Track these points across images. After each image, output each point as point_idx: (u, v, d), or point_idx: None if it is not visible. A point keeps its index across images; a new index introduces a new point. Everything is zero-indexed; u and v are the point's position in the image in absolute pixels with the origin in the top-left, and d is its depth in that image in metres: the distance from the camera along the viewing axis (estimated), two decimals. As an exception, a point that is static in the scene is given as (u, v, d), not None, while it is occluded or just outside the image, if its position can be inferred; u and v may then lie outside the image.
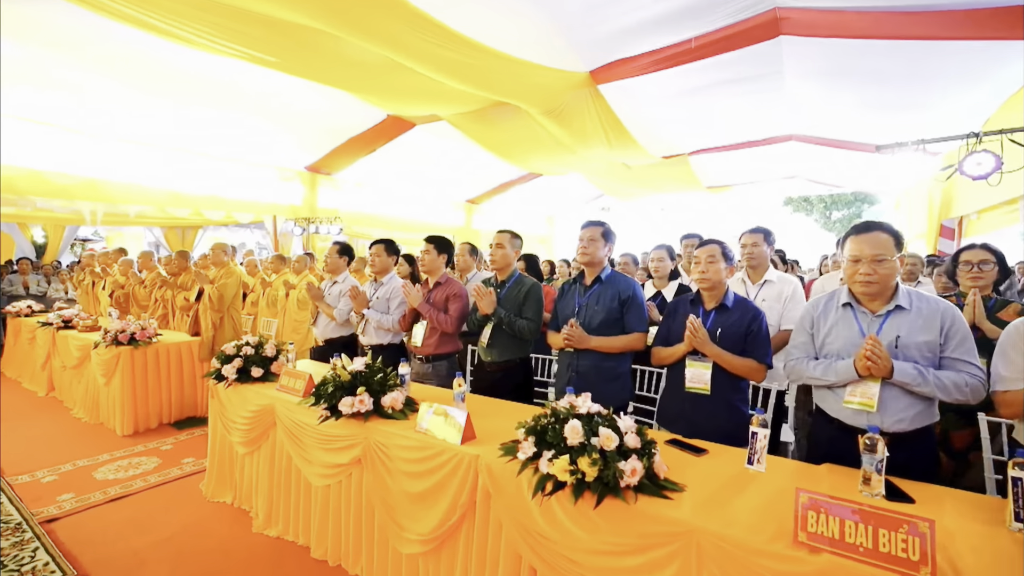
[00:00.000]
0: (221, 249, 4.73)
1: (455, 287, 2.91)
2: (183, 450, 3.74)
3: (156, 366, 4.23)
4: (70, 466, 3.42)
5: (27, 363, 5.67)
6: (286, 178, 8.79)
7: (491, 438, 1.99)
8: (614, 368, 2.33)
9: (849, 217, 19.97)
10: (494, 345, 2.64)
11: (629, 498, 1.47)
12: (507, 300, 2.67)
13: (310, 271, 5.76)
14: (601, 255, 2.38)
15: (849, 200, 19.75)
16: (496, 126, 7.12)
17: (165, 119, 6.30)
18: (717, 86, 5.88)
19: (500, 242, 2.67)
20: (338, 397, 2.27)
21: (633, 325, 2.30)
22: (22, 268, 7.27)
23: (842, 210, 20.29)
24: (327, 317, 3.48)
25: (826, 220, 20.59)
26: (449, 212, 11.94)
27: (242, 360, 2.91)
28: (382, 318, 3.14)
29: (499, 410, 2.36)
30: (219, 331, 4.54)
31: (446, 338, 2.91)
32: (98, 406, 4.33)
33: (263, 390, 2.78)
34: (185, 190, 7.29)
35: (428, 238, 2.98)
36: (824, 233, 20.81)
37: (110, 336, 4.11)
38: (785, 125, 7.23)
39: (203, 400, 4.51)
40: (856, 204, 19.83)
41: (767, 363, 2.00)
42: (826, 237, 20.71)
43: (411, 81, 5.16)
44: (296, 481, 2.53)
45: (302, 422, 2.45)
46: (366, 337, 3.21)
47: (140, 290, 5.49)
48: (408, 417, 2.26)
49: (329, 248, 3.58)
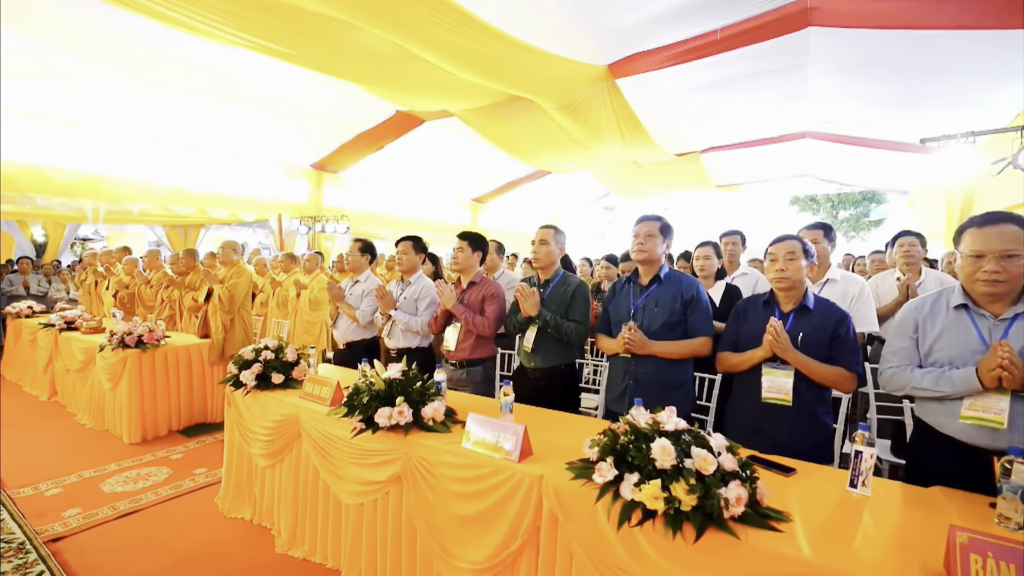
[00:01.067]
0: (231, 248, 4.52)
1: (491, 287, 2.71)
2: (194, 460, 3.54)
3: (165, 370, 4.02)
4: (75, 477, 3.21)
5: (28, 366, 5.46)
6: (292, 175, 8.62)
7: (549, 455, 1.79)
8: (675, 376, 2.13)
9: (856, 216, 19.81)
10: (538, 350, 2.44)
11: (739, 532, 1.27)
12: (552, 301, 2.46)
13: (320, 270, 5.55)
14: (659, 252, 2.18)
15: (856, 199, 19.57)
16: (507, 122, 6.97)
17: (168, 114, 6.11)
18: (737, 80, 5.74)
19: (544, 238, 2.47)
20: (374, 408, 2.07)
21: (698, 328, 2.10)
22: (23, 267, 7.05)
23: (849, 209, 20.12)
24: (349, 319, 3.28)
25: (833, 219, 20.41)
26: (455, 211, 11.82)
27: (262, 365, 2.71)
28: (410, 320, 2.94)
29: (549, 421, 2.15)
30: (229, 333, 4.34)
31: (482, 342, 2.71)
32: (103, 412, 4.12)
33: (285, 398, 2.58)
34: (189, 187, 7.12)
35: (462, 234, 2.78)
36: (831, 232, 20.64)
37: (116, 338, 3.90)
38: (801, 122, 7.08)
39: (213, 406, 4.31)
40: (863, 203, 19.66)
41: (857, 371, 1.81)
42: (833, 236, 20.54)
43: (425, 73, 5.00)
44: (325, 498, 2.32)
45: (331, 434, 2.25)
46: (392, 340, 3.00)
47: (146, 290, 5.28)
48: (451, 430, 2.06)
49: (350, 245, 3.38)
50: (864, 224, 19.68)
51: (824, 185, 12.19)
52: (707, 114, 6.96)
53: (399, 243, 3.09)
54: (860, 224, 19.68)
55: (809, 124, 7.17)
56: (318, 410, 2.38)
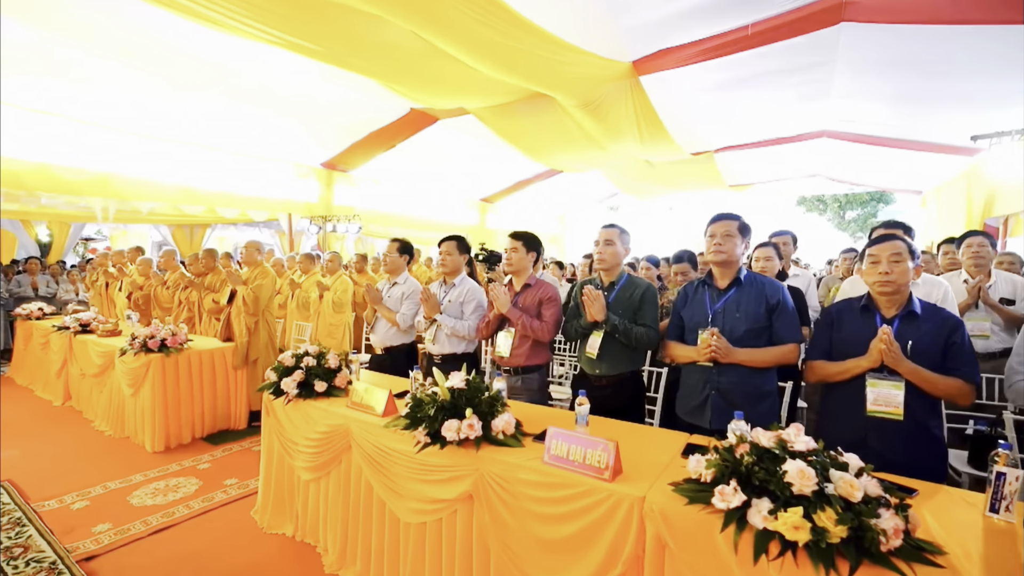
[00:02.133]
0: (255, 248, 4.37)
1: (548, 289, 2.57)
2: (223, 469, 3.38)
3: (188, 375, 3.87)
4: (101, 489, 3.06)
5: (40, 370, 5.30)
6: (302, 175, 8.49)
7: (639, 472, 1.65)
8: (761, 386, 1.99)
9: (864, 217, 19.73)
10: (604, 357, 2.30)
11: (903, 568, 1.13)
12: (618, 304, 2.32)
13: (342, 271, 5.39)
14: (739, 253, 2.04)
15: (864, 200, 19.50)
16: (523, 120, 6.88)
17: (178, 111, 5.96)
18: (760, 78, 5.66)
19: (609, 238, 2.32)
20: (440, 420, 1.92)
21: (784, 335, 1.96)
22: (31, 268, 6.88)
23: (856, 209, 20.04)
24: (387, 322, 3.13)
25: (840, 220, 20.34)
26: (464, 211, 11.73)
27: (303, 373, 2.56)
28: (457, 324, 2.79)
29: (624, 433, 2.01)
30: (254, 336, 4.19)
31: (538, 348, 2.57)
32: (123, 418, 3.96)
33: (331, 407, 2.43)
34: (199, 186, 6.97)
35: (515, 234, 2.63)
36: (837, 233, 20.56)
37: (138, 342, 3.74)
38: (819, 121, 7.00)
39: (237, 412, 4.16)
40: (871, 204, 19.58)
41: (976, 381, 1.67)
42: (839, 237, 20.48)
43: (448, 70, 4.90)
44: (380, 515, 2.18)
45: (388, 447, 2.10)
46: (436, 345, 2.86)
47: (162, 291, 5.12)
48: (522, 443, 1.91)
49: (388, 245, 3.23)
50: (872, 225, 19.54)
51: (834, 185, 12.10)
52: (726, 113, 6.89)
53: (443, 243, 2.94)
54: (868, 225, 19.57)
55: (827, 123, 7.07)
56: (370, 421, 2.24)
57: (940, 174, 7.96)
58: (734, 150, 8.90)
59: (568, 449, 1.71)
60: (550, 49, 4.42)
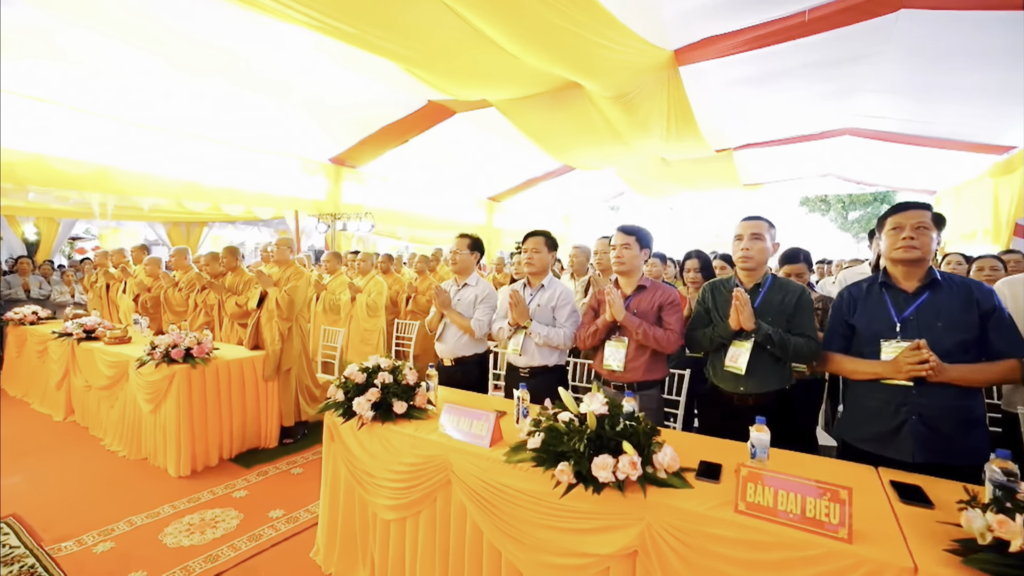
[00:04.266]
0: (286, 245, 3.94)
1: (668, 292, 2.19)
2: (263, 498, 2.96)
3: (216, 388, 3.43)
4: (126, 526, 2.62)
5: (36, 380, 4.80)
6: (310, 170, 8.07)
7: (858, 523, 1.28)
8: (974, 409, 1.63)
9: (868, 217, 19.66)
10: (753, 371, 1.93)
11: None
12: (766, 310, 1.95)
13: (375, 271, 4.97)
14: (934, 249, 1.69)
15: (868, 200, 19.45)
16: (547, 113, 6.60)
17: (181, 99, 5.51)
18: (798, 71, 5.47)
19: (757, 232, 1.95)
20: (588, 455, 1.54)
21: (1004, 348, 1.61)
22: (22, 268, 6.34)
23: (859, 210, 19.98)
24: (459, 330, 2.73)
25: (843, 220, 20.25)
26: (471, 210, 11.39)
27: (379, 391, 2.16)
28: (551, 333, 2.41)
29: (802, 466, 1.64)
30: (287, 344, 3.76)
31: (657, 360, 2.19)
32: (140, 437, 3.51)
33: (417, 433, 2.03)
34: (203, 181, 6.51)
35: (626, 228, 2.26)
36: (840, 233, 20.49)
37: (159, 352, 3.30)
38: (846, 118, 6.83)
39: (268, 429, 3.72)
40: (875, 204, 19.52)
41: None
42: (842, 237, 20.42)
43: (483, 56, 4.67)
44: (493, 567, 1.79)
45: (505, 486, 1.72)
46: (524, 356, 2.47)
47: (174, 294, 4.65)
48: (689, 483, 1.54)
49: (456, 241, 2.84)
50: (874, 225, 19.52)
51: (843, 185, 11.97)
52: (754, 108, 6.69)
53: (528, 238, 2.56)
54: (871, 225, 19.50)
55: (853, 120, 6.88)
56: (475, 451, 1.85)
57: (961, 172, 7.83)
58: (754, 148, 8.75)
59: (777, 496, 1.34)
60: (599, 29, 4.12)
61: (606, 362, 2.23)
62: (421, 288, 5.24)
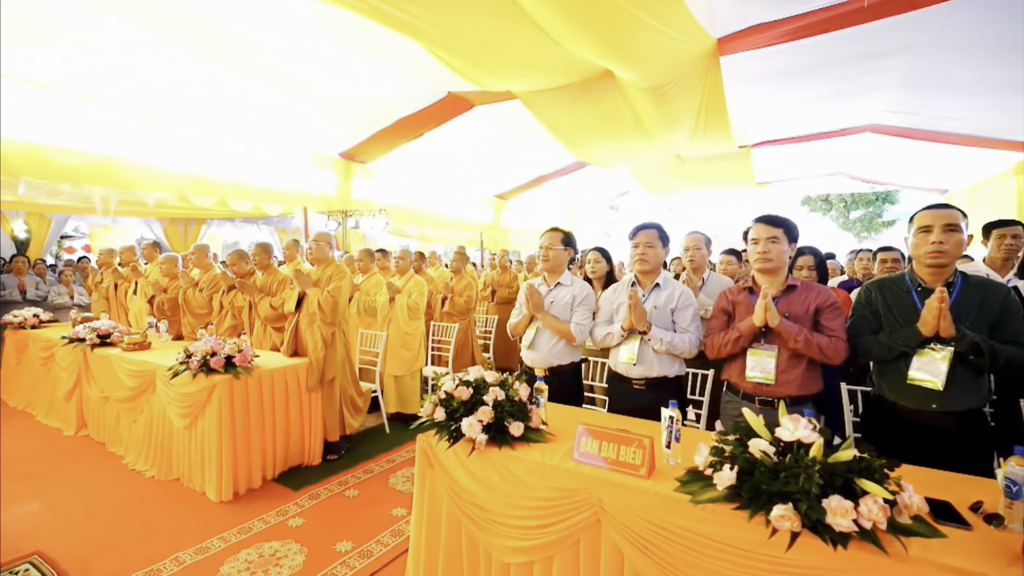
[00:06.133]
0: (325, 240, 3.58)
1: (825, 293, 1.89)
2: (323, 527, 2.60)
3: (259, 401, 3.06)
4: (173, 565, 2.25)
5: (41, 390, 4.37)
6: (320, 165, 7.69)
7: None
8: None
9: (869, 216, 19.67)
10: (952, 385, 1.63)
11: None
12: (962, 312, 1.66)
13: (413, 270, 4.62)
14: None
15: (870, 199, 19.43)
16: (573, 106, 6.35)
17: (187, 87, 5.09)
18: (834, 64, 5.31)
19: (951, 221, 1.66)
20: (816, 499, 1.23)
21: None
22: (17, 268, 5.87)
23: (861, 209, 19.97)
24: (554, 335, 2.41)
25: (845, 220, 20.24)
26: (479, 207, 11.11)
27: (492, 410, 1.83)
28: (675, 339, 2.10)
29: None
30: (330, 350, 3.40)
31: (812, 371, 1.89)
32: (170, 456, 3.13)
33: (545, 459, 1.71)
34: (210, 175, 6.11)
35: (771, 219, 1.95)
36: (842, 233, 20.48)
37: (195, 360, 2.92)
38: (870, 114, 6.63)
39: (311, 445, 3.36)
40: (876, 204, 19.53)
41: None
42: (844, 237, 20.42)
43: (520, 42, 4.43)
44: (666, 628, 1.47)
45: (687, 529, 1.41)
46: (642, 366, 2.15)
47: (195, 295, 4.25)
48: (938, 530, 1.24)
49: (546, 235, 2.51)
50: (877, 225, 19.56)
51: (850, 184, 11.86)
52: (781, 103, 6.40)
53: (640, 231, 2.24)
54: (873, 225, 19.54)
55: (879, 116, 6.67)
56: (633, 484, 1.53)
57: (982, 170, 7.70)
58: (773, 145, 8.56)
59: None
60: (654, 8, 3.82)
61: (749, 373, 1.93)
62: (458, 288, 4.90)
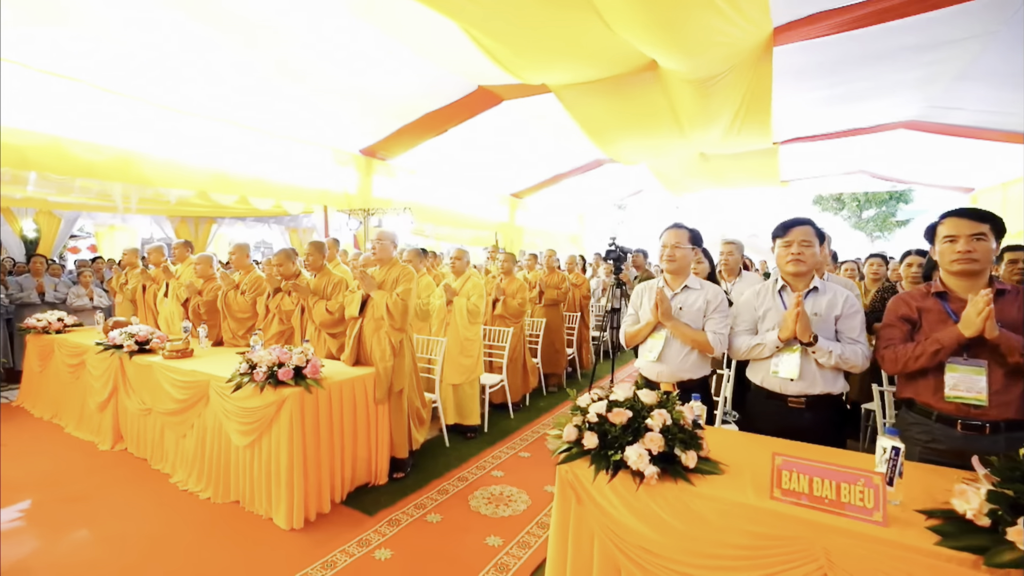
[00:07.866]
0: (389, 239, 3.29)
1: (1043, 299, 1.62)
2: (417, 561, 2.31)
3: (329, 416, 2.77)
4: (260, 610, 1.96)
5: (70, 399, 4.06)
6: (341, 162, 7.41)
7: None
8: None
9: (882, 215, 19.48)
10: None
11: None
12: None
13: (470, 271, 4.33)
14: None
15: (883, 198, 19.24)
16: (607, 100, 6.12)
17: (209, 79, 4.77)
18: (884, 56, 5.12)
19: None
20: None
21: None
22: (35, 268, 5.54)
23: (874, 208, 19.78)
24: (685, 346, 2.13)
25: (857, 219, 20.03)
26: (495, 206, 10.86)
27: (663, 438, 1.55)
28: (845, 351, 1.83)
29: None
30: (399, 358, 3.11)
31: (1029, 391, 1.62)
32: (228, 476, 2.84)
33: (738, 497, 1.44)
34: (232, 171, 5.82)
35: (977, 213, 1.67)
36: (854, 232, 20.29)
37: (261, 372, 2.63)
38: (907, 110, 6.39)
39: (378, 463, 3.07)
40: (890, 203, 19.34)
41: None
42: (856, 236, 20.24)
43: (569, 28, 4.14)
44: None
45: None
46: (803, 381, 1.87)
47: (236, 298, 3.95)
48: None
49: (669, 232, 2.23)
50: (890, 224, 19.38)
51: (870, 183, 11.67)
52: (820, 97, 6.10)
53: (795, 227, 1.96)
54: (887, 224, 19.36)
55: (920, 112, 6.43)
56: (866, 532, 1.26)
57: (1013, 168, 7.47)
58: (803, 142, 8.34)
59: None
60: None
61: (951, 393, 1.66)
62: (510, 290, 4.62)
